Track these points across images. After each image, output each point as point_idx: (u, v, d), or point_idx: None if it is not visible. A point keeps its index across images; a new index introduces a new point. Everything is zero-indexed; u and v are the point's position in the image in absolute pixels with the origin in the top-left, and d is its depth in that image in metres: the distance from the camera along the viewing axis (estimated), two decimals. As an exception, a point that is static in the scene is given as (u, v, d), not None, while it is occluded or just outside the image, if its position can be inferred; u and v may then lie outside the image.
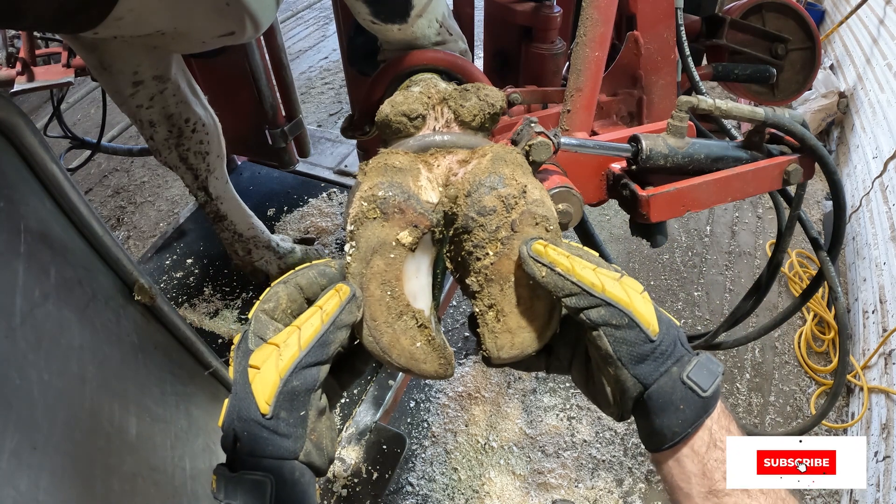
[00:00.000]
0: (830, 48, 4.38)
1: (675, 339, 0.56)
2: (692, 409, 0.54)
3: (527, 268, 0.57)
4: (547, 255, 0.57)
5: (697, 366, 0.55)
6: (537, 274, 0.56)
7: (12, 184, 0.77)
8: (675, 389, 0.54)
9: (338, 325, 0.55)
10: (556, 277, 0.56)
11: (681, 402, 0.54)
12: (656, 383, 0.54)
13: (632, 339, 0.54)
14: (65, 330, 0.80)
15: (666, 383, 0.54)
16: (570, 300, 0.56)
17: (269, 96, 2.25)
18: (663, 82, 1.10)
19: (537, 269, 0.57)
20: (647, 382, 0.55)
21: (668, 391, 0.54)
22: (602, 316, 0.54)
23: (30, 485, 0.65)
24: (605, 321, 0.54)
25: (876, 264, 2.79)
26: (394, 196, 0.61)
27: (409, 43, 0.97)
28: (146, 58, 1.33)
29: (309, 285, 0.61)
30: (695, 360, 0.55)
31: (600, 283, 0.55)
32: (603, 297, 0.54)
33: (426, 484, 2.31)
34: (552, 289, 0.56)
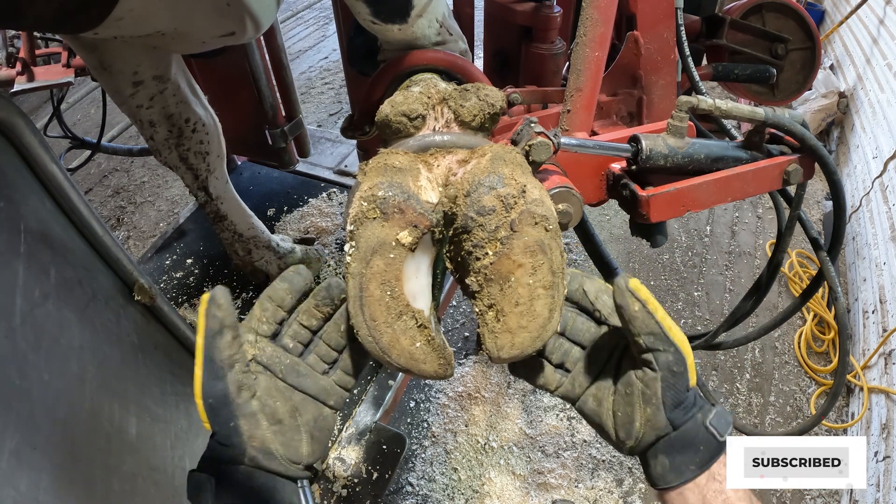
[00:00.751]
0: (830, 48, 4.38)
1: (697, 390, 0.62)
2: (709, 451, 0.60)
3: (621, 299, 0.58)
4: (641, 290, 0.59)
5: (717, 414, 0.61)
6: (630, 307, 0.58)
7: (12, 184, 0.77)
8: (699, 433, 0.60)
9: (211, 334, 0.56)
10: (646, 315, 0.58)
11: (701, 444, 0.60)
12: (683, 426, 0.60)
13: (679, 386, 0.59)
14: (65, 330, 0.80)
15: (692, 427, 0.60)
16: (647, 339, 0.58)
17: (269, 96, 2.25)
18: (663, 82, 1.10)
19: (632, 302, 0.58)
20: (677, 425, 0.60)
21: (693, 434, 0.60)
22: (668, 362, 0.58)
23: (30, 485, 0.65)
24: (668, 367, 0.58)
25: (876, 264, 2.79)
26: (394, 196, 0.61)
27: (409, 43, 0.97)
28: (146, 58, 1.33)
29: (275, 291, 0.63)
30: (714, 410, 0.61)
31: (673, 328, 0.58)
32: (674, 342, 0.58)
33: (426, 484, 2.31)
34: (636, 325, 0.58)
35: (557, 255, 0.63)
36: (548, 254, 0.62)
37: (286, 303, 0.63)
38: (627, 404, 0.62)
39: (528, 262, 0.61)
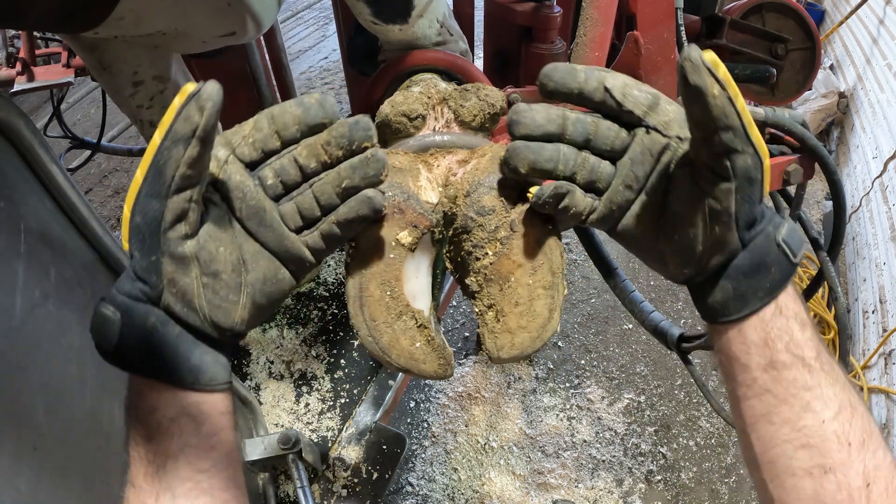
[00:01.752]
0: (830, 48, 4.38)
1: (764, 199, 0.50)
2: (782, 272, 0.49)
3: (697, 78, 0.42)
4: (722, 68, 0.43)
5: (790, 229, 0.50)
6: (710, 90, 0.42)
7: (12, 184, 0.77)
8: (771, 251, 0.49)
9: (173, 138, 0.42)
10: (726, 101, 0.43)
11: (773, 265, 0.49)
12: (753, 243, 0.49)
13: (755, 197, 0.47)
14: (65, 330, 0.80)
15: (763, 244, 0.49)
16: (727, 135, 0.43)
17: (269, 96, 2.25)
18: (663, 82, 1.10)
19: (710, 83, 0.42)
20: (746, 242, 0.49)
21: (763, 252, 0.49)
22: (747, 166, 0.45)
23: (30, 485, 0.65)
24: (745, 173, 0.45)
25: (876, 264, 2.79)
26: (393, 196, 0.61)
27: (409, 43, 0.97)
28: (146, 58, 1.33)
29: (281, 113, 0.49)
30: (786, 224, 0.50)
31: (753, 124, 0.45)
32: (753, 141, 0.45)
33: (426, 484, 2.31)
34: (716, 114, 0.43)
35: (557, 255, 0.63)
36: (548, 254, 0.62)
37: (287, 132, 0.49)
38: (689, 224, 0.49)
39: (527, 262, 0.61)
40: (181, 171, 0.42)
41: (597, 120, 0.52)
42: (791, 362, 0.50)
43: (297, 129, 0.49)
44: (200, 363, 0.48)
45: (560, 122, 0.52)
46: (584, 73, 0.50)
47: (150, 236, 0.44)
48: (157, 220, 0.43)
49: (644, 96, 0.50)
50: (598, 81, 0.50)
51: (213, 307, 0.47)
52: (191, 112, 0.42)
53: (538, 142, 0.52)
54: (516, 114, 0.52)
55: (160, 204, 0.43)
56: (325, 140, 0.50)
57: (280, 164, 0.49)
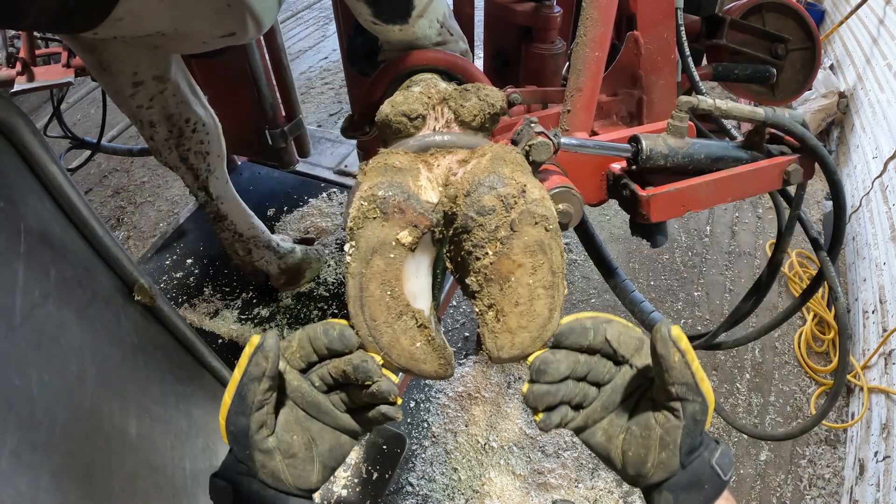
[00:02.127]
0: (830, 48, 4.38)
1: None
2: (713, 489, 0.61)
3: (663, 349, 0.58)
4: (682, 340, 0.58)
5: (721, 454, 0.62)
6: (671, 358, 0.58)
7: (12, 184, 0.77)
8: (704, 472, 0.61)
9: (249, 377, 0.60)
10: (684, 366, 0.58)
11: (706, 483, 0.61)
12: (690, 466, 0.61)
13: (696, 433, 0.60)
14: (65, 330, 0.80)
15: (699, 466, 0.61)
16: (680, 389, 0.58)
17: (269, 96, 2.25)
18: (663, 82, 1.10)
19: (673, 353, 0.58)
20: (685, 465, 0.61)
21: (699, 473, 0.61)
22: (694, 412, 0.59)
23: (30, 485, 0.65)
24: (692, 416, 0.59)
25: (876, 264, 2.79)
26: (394, 196, 0.61)
27: (409, 43, 0.97)
28: (146, 58, 1.33)
29: (315, 339, 0.66)
30: (719, 449, 0.62)
31: (704, 379, 0.59)
32: (702, 393, 0.59)
33: (426, 484, 2.31)
34: (673, 375, 0.58)
35: (557, 255, 0.63)
36: (548, 254, 0.62)
37: (321, 352, 0.65)
38: (642, 446, 0.63)
39: (528, 261, 0.61)
40: (258, 399, 0.60)
41: (597, 360, 0.67)
42: None
43: (326, 351, 0.65)
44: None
45: (573, 368, 0.65)
46: (594, 331, 0.65)
47: (242, 439, 0.61)
48: (246, 430, 0.60)
49: (633, 342, 0.65)
50: (603, 335, 0.65)
51: (295, 478, 0.63)
52: (259, 360, 0.60)
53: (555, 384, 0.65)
54: (545, 364, 0.64)
55: (246, 419, 0.60)
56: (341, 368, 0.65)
57: (321, 373, 0.66)
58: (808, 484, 2.36)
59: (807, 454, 2.46)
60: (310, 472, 0.65)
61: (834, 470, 2.40)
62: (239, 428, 0.61)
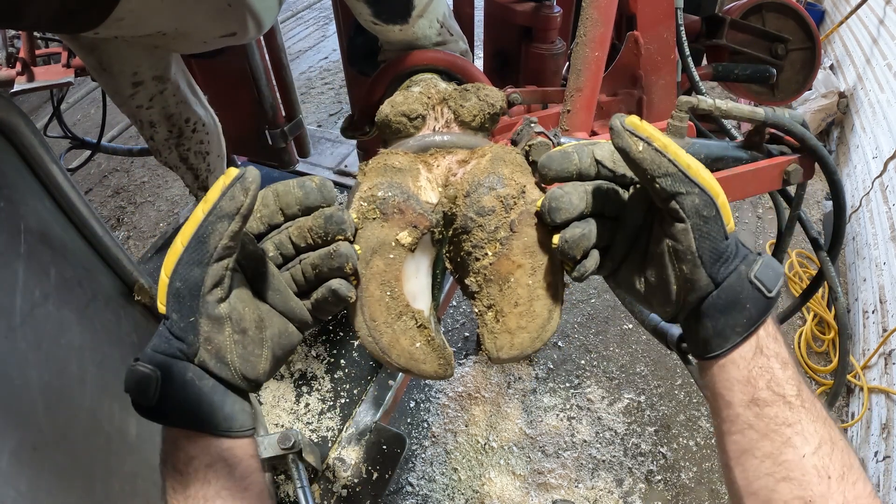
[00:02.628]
0: (830, 48, 4.38)
1: (737, 238, 0.54)
2: (757, 308, 0.52)
3: (620, 141, 0.50)
4: (643, 127, 0.50)
5: (763, 265, 0.53)
6: (633, 148, 0.50)
7: (12, 184, 0.77)
8: (744, 288, 0.52)
9: (218, 214, 0.49)
10: (654, 153, 0.49)
11: (747, 301, 0.52)
12: (726, 281, 0.52)
13: (715, 234, 0.51)
14: (65, 330, 0.80)
15: (735, 282, 0.52)
16: (665, 181, 0.49)
17: (269, 96, 2.25)
18: (663, 82, 1.10)
19: (633, 142, 0.50)
20: (718, 281, 0.52)
21: (736, 290, 0.52)
22: (696, 205, 0.50)
23: (30, 485, 0.65)
24: (697, 211, 0.50)
25: (876, 264, 2.79)
26: (393, 196, 0.61)
27: (409, 43, 0.97)
28: (146, 58, 1.33)
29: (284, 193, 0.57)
30: (760, 260, 0.53)
31: (695, 166, 0.50)
32: (697, 181, 0.50)
33: (426, 484, 2.31)
34: (647, 166, 0.50)
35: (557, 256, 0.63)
36: (548, 254, 0.62)
37: (290, 211, 0.57)
38: (661, 265, 0.54)
39: (527, 262, 0.61)
40: (223, 243, 0.49)
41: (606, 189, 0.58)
42: (772, 400, 0.53)
43: (297, 208, 0.57)
44: (232, 412, 0.53)
45: (586, 199, 0.57)
46: (577, 153, 0.57)
47: (190, 299, 0.50)
48: (198, 285, 0.49)
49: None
50: (590, 157, 0.57)
51: (242, 361, 0.53)
52: (236, 192, 0.49)
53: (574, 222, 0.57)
54: (556, 200, 0.56)
55: (201, 271, 0.49)
56: (308, 226, 0.57)
57: (279, 239, 0.57)
58: (808, 484, 2.36)
59: (807, 454, 2.46)
60: (258, 356, 0.54)
61: (834, 470, 2.40)
62: (189, 282, 0.49)
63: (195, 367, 0.51)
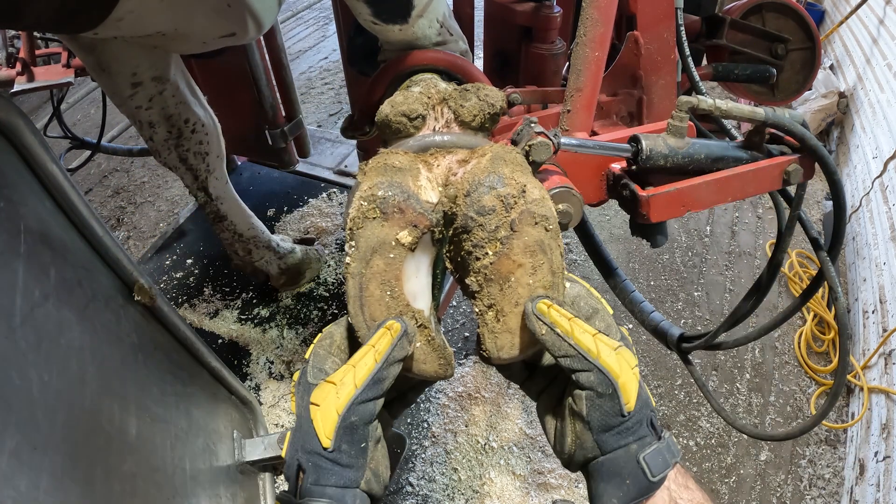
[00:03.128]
0: (830, 48, 4.38)
1: (643, 418, 0.59)
2: (636, 487, 0.57)
3: (528, 324, 0.60)
4: (549, 314, 0.59)
5: (655, 451, 0.58)
6: (537, 331, 0.59)
7: (12, 184, 0.77)
8: (628, 465, 0.57)
9: (390, 361, 0.58)
10: (555, 338, 0.58)
11: (628, 478, 0.57)
12: (613, 453, 0.58)
13: (607, 408, 0.57)
14: (65, 330, 0.80)
15: (621, 456, 0.57)
16: (564, 361, 0.58)
17: (269, 96, 2.25)
18: (663, 82, 1.10)
19: (538, 326, 0.59)
20: (606, 450, 0.58)
21: (620, 464, 0.57)
22: (591, 381, 0.57)
23: (30, 485, 0.65)
24: (591, 387, 0.57)
25: (876, 264, 2.79)
26: (393, 196, 0.61)
27: (409, 43, 0.97)
28: (145, 59, 1.33)
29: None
30: (655, 445, 0.58)
31: (596, 349, 0.57)
32: (596, 363, 0.57)
33: (426, 484, 2.31)
34: (549, 347, 0.58)
35: (557, 256, 0.63)
36: (548, 254, 0.62)
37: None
38: (562, 417, 0.62)
39: (527, 262, 0.61)
40: (388, 384, 0.58)
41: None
42: None
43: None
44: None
45: None
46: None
47: (362, 428, 0.56)
48: (370, 416, 0.57)
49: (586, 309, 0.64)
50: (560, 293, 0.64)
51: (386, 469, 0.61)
52: (405, 345, 0.59)
53: None
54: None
55: (374, 405, 0.57)
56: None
57: None
58: (809, 484, 2.36)
59: (807, 454, 2.46)
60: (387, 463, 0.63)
61: (834, 470, 2.40)
62: (364, 416, 0.56)
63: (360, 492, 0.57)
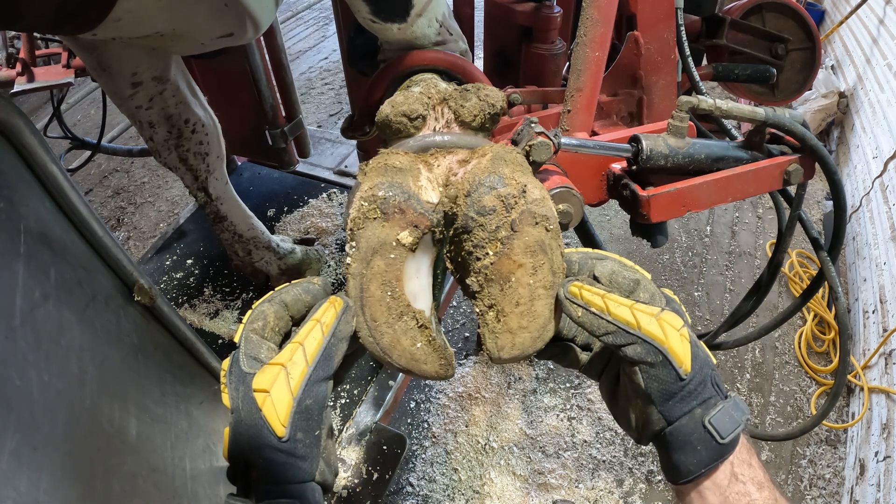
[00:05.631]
0: (830, 48, 4.38)
1: (706, 378, 0.57)
2: (708, 452, 0.55)
3: (564, 310, 0.60)
4: (581, 296, 0.58)
5: (721, 411, 0.56)
6: (573, 314, 0.58)
7: (12, 184, 0.77)
8: (695, 431, 0.55)
9: (338, 336, 0.56)
10: (592, 317, 0.57)
11: (698, 444, 0.55)
12: (678, 421, 0.56)
13: (664, 377, 0.55)
14: (65, 330, 0.80)
15: (687, 423, 0.56)
16: (607, 338, 0.57)
17: (269, 97, 2.25)
18: (663, 82, 1.10)
19: (573, 309, 0.58)
20: (671, 419, 0.56)
21: (688, 431, 0.56)
22: (638, 353, 0.56)
23: (30, 485, 0.65)
24: (640, 358, 0.56)
25: (876, 264, 2.79)
26: (394, 196, 0.61)
27: (409, 43, 0.97)
28: (145, 59, 1.33)
29: (294, 302, 0.60)
30: (720, 405, 0.56)
31: (635, 320, 0.56)
32: (639, 333, 0.56)
33: (426, 484, 2.31)
34: (589, 328, 0.58)
35: (558, 256, 0.63)
36: (548, 254, 0.62)
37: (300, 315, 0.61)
38: (623, 396, 0.62)
39: (528, 262, 0.61)
40: (337, 360, 0.55)
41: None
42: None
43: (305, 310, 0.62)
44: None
45: None
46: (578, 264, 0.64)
47: (318, 412, 0.53)
48: (324, 398, 0.54)
49: (627, 282, 0.62)
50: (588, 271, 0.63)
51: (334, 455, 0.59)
52: (349, 319, 0.57)
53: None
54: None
55: (326, 386, 0.54)
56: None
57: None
58: (809, 484, 2.36)
59: (807, 454, 2.46)
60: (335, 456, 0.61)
61: (834, 470, 2.40)
62: (318, 397, 0.52)
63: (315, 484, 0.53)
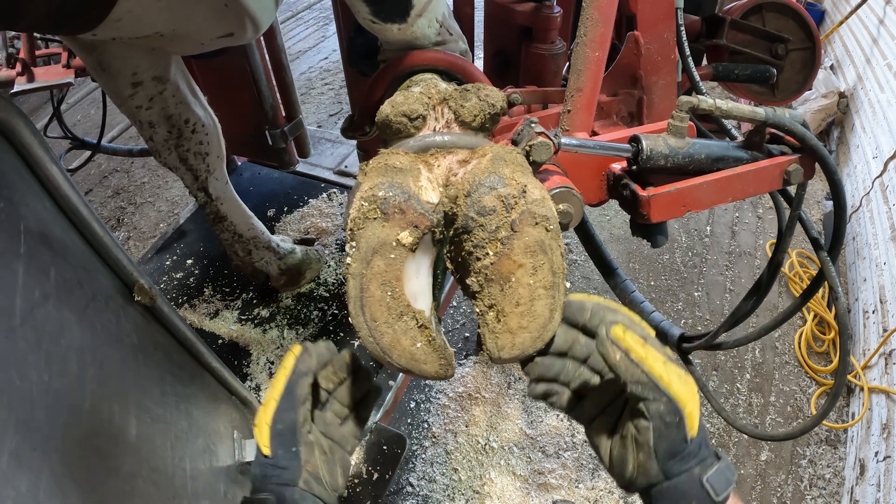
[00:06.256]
0: (830, 48, 4.38)
1: (703, 440, 0.59)
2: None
3: (601, 349, 0.59)
4: (625, 340, 0.59)
5: (717, 471, 0.58)
6: (611, 357, 0.58)
7: (12, 184, 0.77)
8: (693, 488, 0.57)
9: (297, 373, 0.68)
10: (629, 363, 0.57)
11: (694, 500, 0.57)
12: (677, 478, 0.58)
13: (673, 437, 0.57)
14: (65, 330, 0.80)
15: (686, 481, 0.57)
16: (636, 388, 0.57)
17: (269, 97, 2.25)
18: (663, 82, 1.10)
19: (612, 351, 0.58)
20: (670, 476, 0.58)
21: (686, 488, 0.57)
22: (660, 411, 0.57)
23: (30, 486, 0.65)
24: (660, 416, 0.57)
25: (876, 264, 2.79)
26: (394, 196, 0.61)
27: (409, 43, 0.97)
28: (145, 59, 1.33)
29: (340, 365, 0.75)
30: (716, 466, 0.59)
31: (668, 377, 0.57)
32: (667, 392, 0.56)
33: (426, 484, 2.31)
34: (622, 373, 0.58)
35: (558, 256, 0.63)
36: (548, 254, 0.62)
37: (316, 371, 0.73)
38: (622, 447, 0.62)
39: (528, 262, 0.61)
40: (304, 392, 0.68)
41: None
42: None
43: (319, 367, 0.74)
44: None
45: (570, 345, 0.66)
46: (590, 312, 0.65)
47: (291, 434, 0.66)
48: (294, 422, 0.66)
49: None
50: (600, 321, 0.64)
51: (330, 476, 0.69)
52: (306, 358, 0.70)
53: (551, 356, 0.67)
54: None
55: (294, 413, 0.66)
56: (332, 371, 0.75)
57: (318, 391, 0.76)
58: (809, 484, 2.36)
59: (807, 454, 2.46)
60: (337, 472, 0.71)
61: (834, 470, 2.40)
62: (287, 423, 0.66)
63: (298, 490, 0.65)
